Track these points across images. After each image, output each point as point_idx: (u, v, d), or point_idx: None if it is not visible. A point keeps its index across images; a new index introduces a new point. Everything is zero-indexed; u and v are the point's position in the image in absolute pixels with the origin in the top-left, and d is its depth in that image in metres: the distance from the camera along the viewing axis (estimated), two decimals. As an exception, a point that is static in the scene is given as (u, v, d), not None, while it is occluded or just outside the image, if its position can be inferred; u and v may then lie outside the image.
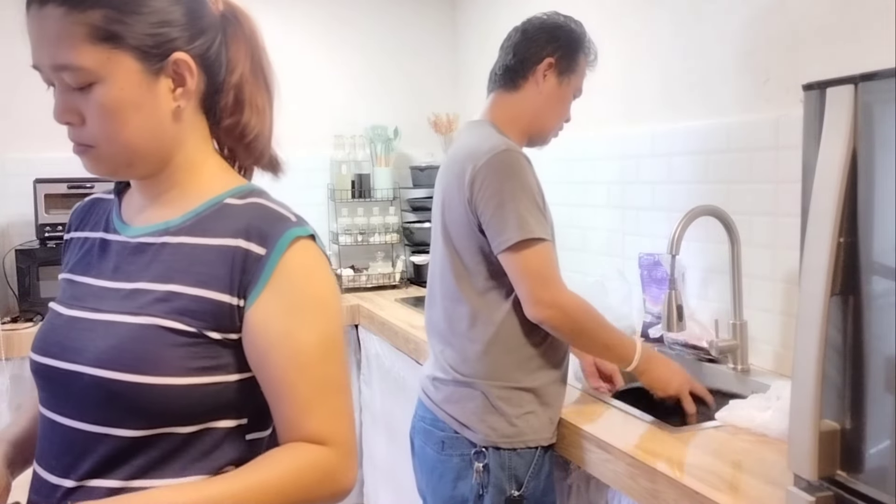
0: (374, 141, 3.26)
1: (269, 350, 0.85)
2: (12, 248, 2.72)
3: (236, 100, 0.93)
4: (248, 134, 0.95)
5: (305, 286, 0.87)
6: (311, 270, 0.88)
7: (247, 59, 0.94)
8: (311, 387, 0.85)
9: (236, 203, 0.90)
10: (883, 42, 1.45)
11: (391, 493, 2.63)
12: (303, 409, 0.85)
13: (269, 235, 0.86)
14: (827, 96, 0.89)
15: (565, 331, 1.43)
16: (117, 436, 0.83)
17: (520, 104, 1.54)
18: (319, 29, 3.27)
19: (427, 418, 1.55)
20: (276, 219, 0.88)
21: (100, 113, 0.83)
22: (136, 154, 0.87)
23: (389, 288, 3.20)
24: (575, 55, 1.55)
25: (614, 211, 2.31)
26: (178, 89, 0.87)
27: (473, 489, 1.45)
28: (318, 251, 0.89)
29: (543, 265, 1.39)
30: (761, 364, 1.77)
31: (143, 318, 0.84)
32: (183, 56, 0.86)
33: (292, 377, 0.85)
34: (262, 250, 0.85)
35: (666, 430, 1.40)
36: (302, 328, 0.85)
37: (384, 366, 2.62)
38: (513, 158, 1.41)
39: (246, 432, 0.90)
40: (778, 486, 1.12)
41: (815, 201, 0.89)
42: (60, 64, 0.82)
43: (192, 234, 0.88)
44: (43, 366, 0.88)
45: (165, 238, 0.89)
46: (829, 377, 0.90)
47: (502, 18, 3.01)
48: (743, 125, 1.81)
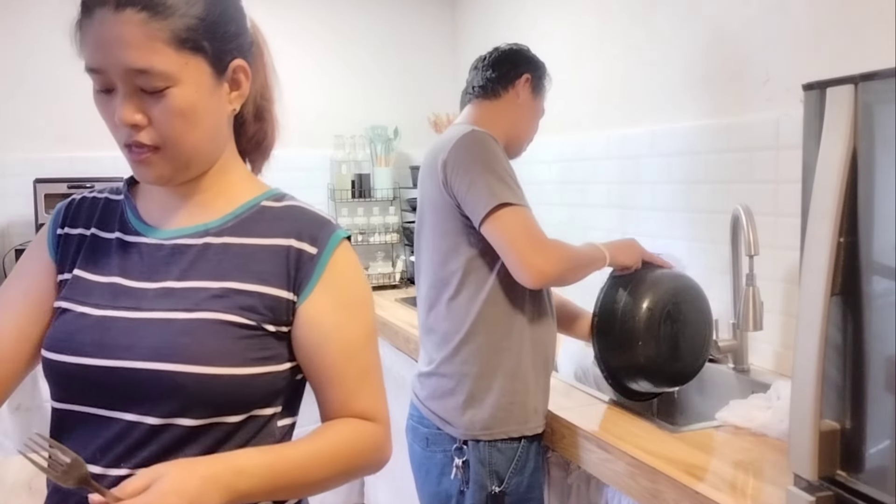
0: (374, 141, 3.26)
1: (322, 342, 0.92)
2: (12, 247, 2.72)
3: (258, 110, 1.01)
4: (266, 140, 1.04)
5: (352, 283, 0.96)
6: (355, 269, 0.97)
7: (264, 75, 1.01)
8: (358, 373, 0.95)
9: (275, 206, 0.97)
10: (883, 42, 1.45)
11: (391, 492, 2.63)
12: (352, 393, 0.95)
13: (319, 237, 0.94)
14: (827, 96, 0.89)
15: (564, 278, 1.45)
16: (178, 425, 0.86)
17: (499, 110, 1.62)
18: (319, 29, 3.27)
19: (414, 416, 1.59)
20: (323, 222, 0.96)
21: (173, 115, 0.86)
22: (198, 155, 0.91)
23: (389, 288, 3.20)
24: (543, 79, 1.68)
25: (614, 211, 2.31)
26: (234, 93, 0.93)
27: (455, 485, 1.47)
28: (354, 251, 0.98)
29: (524, 226, 1.40)
30: (761, 364, 1.77)
31: (204, 313, 0.88)
32: (242, 62, 0.92)
33: (343, 365, 0.94)
34: (314, 250, 0.93)
35: (666, 430, 1.40)
36: (351, 322, 0.95)
37: (384, 366, 2.61)
38: (479, 137, 1.46)
39: (280, 419, 0.95)
40: (778, 486, 1.12)
41: (815, 201, 0.89)
42: (139, 68, 0.83)
43: (237, 235, 0.94)
44: (70, 365, 0.88)
45: (207, 239, 0.93)
46: (829, 377, 0.90)
47: (502, 18, 3.01)
48: (743, 125, 1.81)
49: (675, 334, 1.50)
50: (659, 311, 1.48)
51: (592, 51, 2.43)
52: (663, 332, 1.48)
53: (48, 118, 2.87)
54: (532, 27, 2.77)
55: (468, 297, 1.47)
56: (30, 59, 2.81)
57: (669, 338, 1.49)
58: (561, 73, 2.34)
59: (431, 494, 1.54)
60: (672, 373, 1.53)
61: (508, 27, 2.94)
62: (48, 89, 2.84)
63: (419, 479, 1.58)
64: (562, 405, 1.55)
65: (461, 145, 1.45)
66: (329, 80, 3.28)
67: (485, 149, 1.44)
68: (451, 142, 1.47)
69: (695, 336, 1.55)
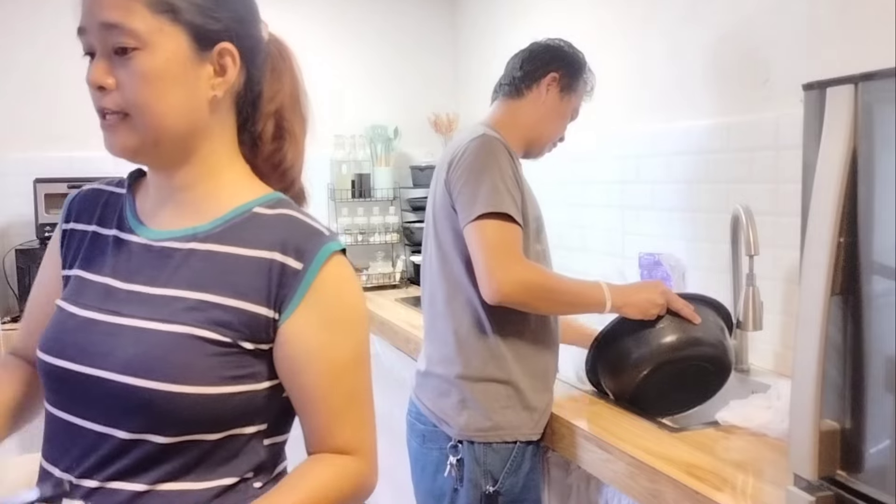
0: (374, 141, 3.26)
1: (305, 363, 0.87)
2: (12, 247, 2.72)
3: (277, 127, 0.97)
4: (285, 162, 0.98)
5: (340, 301, 0.89)
6: (345, 285, 0.90)
7: (286, 91, 0.98)
8: (342, 398, 0.89)
9: (267, 213, 0.91)
10: (883, 42, 1.45)
11: (391, 492, 2.63)
12: (334, 420, 0.89)
13: (305, 250, 0.87)
14: (827, 96, 0.90)
15: (527, 304, 1.41)
16: (148, 441, 0.83)
17: (521, 110, 1.59)
18: (319, 29, 3.27)
19: (412, 411, 1.59)
20: (312, 233, 0.89)
21: (138, 79, 0.83)
22: (165, 132, 0.86)
23: (389, 288, 3.20)
24: (577, 77, 1.62)
25: (614, 211, 2.31)
26: (219, 78, 0.88)
27: (450, 483, 1.47)
28: (349, 265, 0.91)
29: (502, 240, 1.37)
30: (761, 364, 1.77)
31: (176, 326, 0.84)
32: (230, 46, 0.88)
33: (325, 389, 0.88)
34: (299, 265, 0.86)
35: (666, 430, 1.40)
36: (336, 343, 0.88)
37: (384, 366, 2.62)
38: (488, 142, 1.45)
39: (265, 437, 0.91)
40: (778, 486, 1.12)
41: (815, 201, 0.89)
42: (111, 22, 0.82)
43: (223, 243, 0.88)
44: (57, 367, 0.86)
45: (193, 244, 0.89)
46: (829, 377, 0.90)
47: (502, 18, 3.01)
48: (743, 125, 1.81)
49: (678, 389, 1.51)
50: (660, 376, 1.48)
51: (592, 51, 2.42)
52: (664, 389, 1.50)
53: (48, 118, 2.87)
54: (532, 27, 2.76)
55: (467, 298, 1.47)
56: (30, 59, 2.81)
57: (669, 394, 1.51)
58: (561, 73, 2.34)
59: (427, 490, 1.54)
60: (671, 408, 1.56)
61: (508, 27, 2.94)
62: (48, 89, 2.83)
63: (416, 475, 1.59)
64: (562, 405, 1.55)
65: (469, 148, 1.44)
66: (329, 79, 3.28)
67: (488, 155, 1.42)
68: (462, 143, 1.47)
69: (704, 390, 1.56)
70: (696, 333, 1.49)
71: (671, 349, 1.47)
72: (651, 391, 1.49)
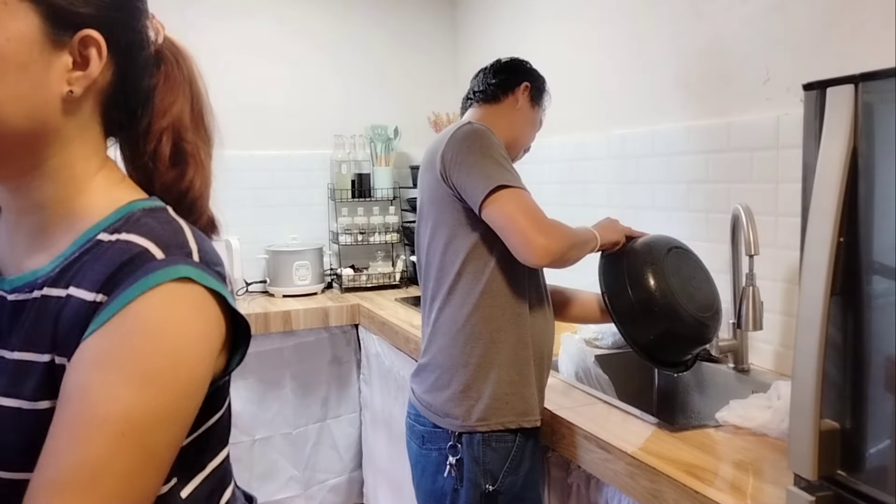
0: (374, 141, 3.26)
1: (61, 402, 0.66)
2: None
3: (176, 150, 0.82)
4: (192, 192, 0.83)
5: (144, 340, 0.66)
6: (165, 322, 0.67)
7: (185, 106, 0.83)
8: (74, 469, 0.63)
9: (107, 240, 0.72)
10: (883, 42, 1.45)
11: (391, 493, 2.63)
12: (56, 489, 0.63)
13: (123, 282, 0.67)
14: (827, 96, 0.89)
15: (567, 257, 1.45)
16: None
17: (498, 113, 1.66)
18: (319, 29, 3.27)
19: (412, 413, 1.59)
20: (141, 261, 0.69)
21: None
22: (1, 127, 0.69)
23: (389, 287, 3.21)
24: (542, 90, 1.72)
25: (614, 211, 2.31)
26: (78, 72, 0.72)
27: (450, 483, 1.47)
28: (183, 300, 0.69)
29: (525, 206, 1.39)
30: (761, 364, 1.77)
31: (8, 399, 0.68)
32: (96, 35, 0.72)
33: (62, 445, 0.64)
34: (104, 297, 0.68)
35: (666, 429, 1.40)
36: (110, 389, 0.64)
37: (384, 366, 2.62)
38: (477, 129, 1.49)
39: (180, 489, 0.76)
40: (778, 486, 1.12)
41: (815, 201, 0.89)
42: None
43: (56, 285, 0.71)
44: None
45: (35, 293, 0.72)
46: (829, 377, 0.90)
47: (502, 18, 3.01)
48: (743, 125, 1.81)
49: (685, 284, 1.55)
50: (663, 268, 1.53)
51: (592, 50, 2.43)
52: (675, 285, 1.52)
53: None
54: (533, 27, 2.77)
55: (467, 288, 1.48)
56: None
57: (682, 290, 1.53)
58: (561, 73, 2.35)
59: (427, 492, 1.55)
60: (697, 322, 1.55)
61: (509, 27, 2.94)
62: None
63: (416, 477, 1.59)
64: (562, 405, 1.55)
65: (459, 137, 1.47)
66: (329, 79, 3.28)
67: (481, 137, 1.46)
68: (448, 135, 1.50)
69: (703, 280, 1.62)
70: (656, 235, 1.68)
71: (660, 250, 1.60)
72: (681, 301, 1.53)
